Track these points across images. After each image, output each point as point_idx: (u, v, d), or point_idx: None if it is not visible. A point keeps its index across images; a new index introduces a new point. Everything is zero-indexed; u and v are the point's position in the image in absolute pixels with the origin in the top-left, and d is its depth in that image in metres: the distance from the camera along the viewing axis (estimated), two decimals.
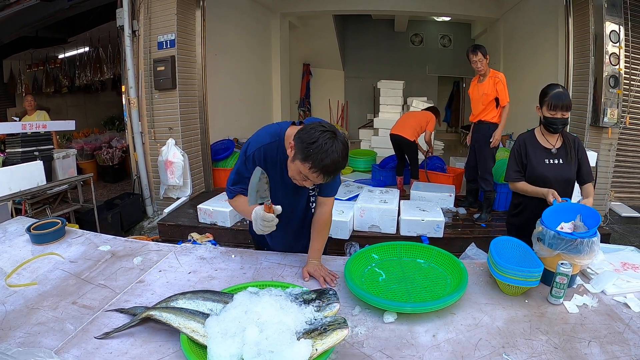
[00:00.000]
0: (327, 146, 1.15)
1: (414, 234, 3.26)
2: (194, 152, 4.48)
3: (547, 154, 1.96)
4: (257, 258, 1.56)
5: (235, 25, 5.84)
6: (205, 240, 3.19)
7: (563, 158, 1.93)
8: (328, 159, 1.15)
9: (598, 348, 1.03)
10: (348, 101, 10.42)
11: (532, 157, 1.96)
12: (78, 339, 1.05)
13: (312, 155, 1.16)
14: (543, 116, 1.93)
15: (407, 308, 1.15)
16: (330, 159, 1.16)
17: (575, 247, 1.27)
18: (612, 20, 3.69)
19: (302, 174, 1.23)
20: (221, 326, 0.95)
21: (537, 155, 1.96)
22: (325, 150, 1.15)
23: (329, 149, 1.15)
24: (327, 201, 1.51)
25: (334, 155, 1.16)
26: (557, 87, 1.91)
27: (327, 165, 1.16)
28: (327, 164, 1.16)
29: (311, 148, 1.16)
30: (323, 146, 1.15)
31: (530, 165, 1.96)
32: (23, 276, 1.41)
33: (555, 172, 1.92)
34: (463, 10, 7.19)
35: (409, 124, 4.49)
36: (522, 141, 2.02)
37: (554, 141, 1.97)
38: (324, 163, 1.16)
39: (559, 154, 1.94)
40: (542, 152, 1.96)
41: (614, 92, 3.76)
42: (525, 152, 1.99)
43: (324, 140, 1.16)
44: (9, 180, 2.67)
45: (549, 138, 1.98)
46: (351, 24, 9.92)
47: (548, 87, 1.95)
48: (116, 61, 6.42)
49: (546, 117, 1.91)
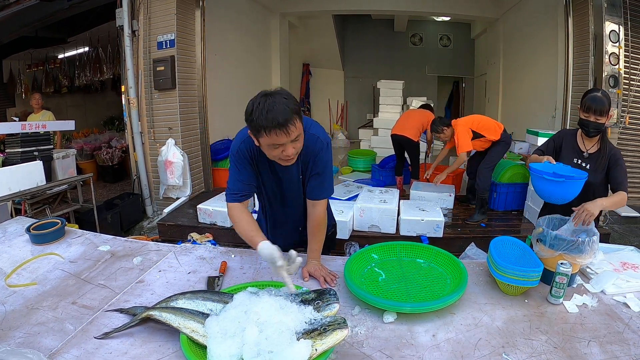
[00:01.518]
0: (261, 106, 1.17)
1: (414, 234, 3.26)
2: (194, 152, 4.47)
3: (578, 155, 1.98)
4: (257, 258, 1.56)
5: (235, 25, 5.83)
6: (205, 240, 3.19)
7: (592, 164, 1.93)
8: (271, 112, 1.15)
9: (598, 348, 1.03)
10: (348, 101, 10.42)
11: (563, 152, 2.00)
12: (78, 339, 1.05)
13: (256, 122, 1.18)
14: (579, 117, 1.94)
15: (407, 308, 1.15)
16: (271, 111, 1.15)
17: (577, 247, 1.27)
18: (611, 20, 3.70)
19: (269, 146, 1.22)
20: (221, 326, 0.95)
21: (568, 153, 2.00)
22: (261, 110, 1.16)
23: (264, 107, 1.16)
24: (317, 203, 1.49)
25: (273, 104, 1.16)
26: (597, 91, 1.92)
27: (273, 116, 1.15)
28: (271, 115, 1.15)
29: (252, 118, 1.18)
30: (257, 109, 1.17)
31: (560, 158, 1.99)
32: (23, 276, 1.41)
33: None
34: (463, 10, 7.19)
35: (411, 124, 4.48)
36: (563, 134, 2.07)
37: (589, 145, 1.96)
38: (269, 118, 1.15)
39: (590, 159, 1.94)
40: (574, 152, 1.99)
41: (614, 92, 3.77)
42: (560, 145, 2.03)
43: (256, 105, 1.18)
44: (8, 180, 2.67)
45: (585, 141, 1.98)
46: (351, 24, 9.93)
47: (589, 90, 1.97)
48: (116, 61, 6.41)
49: (580, 118, 1.92)
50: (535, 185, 1.81)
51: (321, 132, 1.43)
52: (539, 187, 1.78)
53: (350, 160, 6.40)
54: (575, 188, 1.69)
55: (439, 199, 3.87)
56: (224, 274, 1.42)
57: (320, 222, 1.50)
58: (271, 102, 1.17)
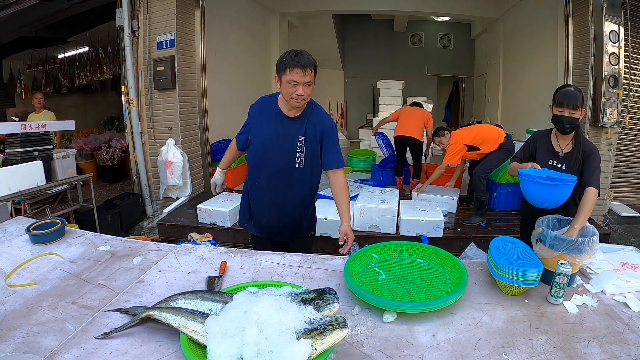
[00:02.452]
0: (292, 54, 1.59)
1: (414, 234, 3.26)
2: (194, 152, 4.48)
3: (552, 156, 1.92)
4: (257, 258, 1.56)
5: (235, 25, 5.83)
6: (204, 240, 3.19)
7: (567, 164, 1.87)
8: (299, 56, 1.57)
9: (598, 348, 1.03)
10: (348, 101, 10.42)
11: (538, 154, 1.96)
12: (78, 339, 1.05)
13: (285, 61, 1.58)
14: (552, 114, 1.87)
15: (407, 308, 1.15)
16: (300, 56, 1.57)
17: (577, 247, 1.27)
18: (611, 20, 3.70)
19: (289, 83, 1.58)
20: (221, 326, 0.95)
21: (542, 154, 1.94)
22: (292, 53, 1.59)
23: (293, 53, 1.59)
24: (337, 171, 1.81)
25: (302, 53, 1.59)
26: (569, 86, 1.86)
27: (299, 59, 1.56)
28: (298, 58, 1.56)
29: (283, 57, 1.60)
30: (290, 53, 1.60)
31: (535, 161, 1.93)
32: (23, 276, 1.41)
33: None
34: (463, 10, 7.19)
35: (416, 125, 4.49)
36: (537, 137, 2.02)
37: (564, 144, 1.90)
38: (296, 59, 1.56)
39: (565, 159, 1.88)
40: (548, 153, 1.93)
41: (614, 92, 3.77)
42: (535, 148, 1.98)
43: (287, 53, 1.61)
44: (8, 180, 2.67)
45: (560, 140, 1.92)
46: (351, 24, 9.93)
47: (561, 86, 1.91)
48: (116, 61, 6.41)
49: (554, 115, 1.85)
50: (527, 191, 1.73)
51: (329, 116, 1.85)
52: (531, 192, 1.71)
53: (350, 160, 6.39)
54: (567, 191, 1.64)
55: (442, 202, 3.85)
56: (224, 274, 1.42)
57: (343, 186, 1.82)
58: (299, 52, 1.59)
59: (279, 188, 1.78)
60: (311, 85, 1.62)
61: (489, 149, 3.60)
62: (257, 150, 1.78)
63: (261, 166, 1.78)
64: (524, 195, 1.79)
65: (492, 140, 3.60)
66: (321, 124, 1.75)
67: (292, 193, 1.80)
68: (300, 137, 1.72)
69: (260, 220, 1.87)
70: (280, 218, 1.84)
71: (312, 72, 1.59)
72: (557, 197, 1.65)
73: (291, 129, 1.72)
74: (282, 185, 1.77)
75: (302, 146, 1.73)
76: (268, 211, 1.84)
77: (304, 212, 1.90)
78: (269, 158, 1.75)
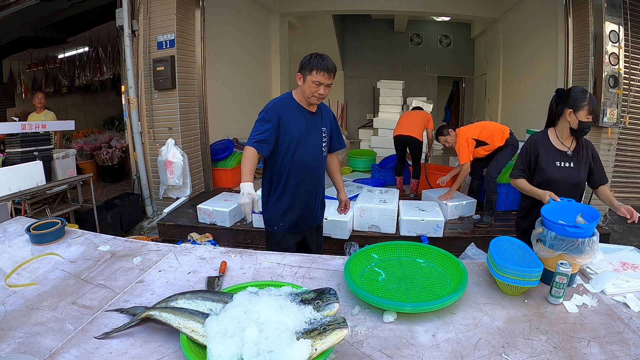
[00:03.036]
0: (318, 57, 1.80)
1: (414, 234, 3.26)
2: (194, 152, 4.47)
3: (559, 156, 1.92)
4: (257, 258, 1.56)
5: (235, 25, 5.84)
6: (204, 240, 3.19)
7: (574, 161, 1.90)
8: (325, 60, 1.79)
9: (597, 348, 1.03)
10: (347, 101, 10.43)
11: (542, 158, 1.93)
12: (78, 339, 1.05)
13: (312, 63, 1.78)
14: (578, 121, 1.84)
15: (407, 308, 1.15)
16: (326, 60, 1.80)
17: (577, 247, 1.27)
18: (611, 20, 3.70)
19: (313, 82, 1.79)
20: (221, 326, 0.95)
21: (548, 157, 1.92)
22: (319, 57, 1.80)
23: (321, 57, 1.80)
24: (334, 154, 2.18)
25: (327, 58, 1.81)
26: (585, 91, 1.87)
27: (325, 63, 1.78)
28: (324, 62, 1.78)
29: (310, 59, 1.80)
30: (317, 56, 1.80)
31: (540, 167, 1.93)
32: (23, 276, 1.41)
33: (565, 176, 1.89)
34: (463, 10, 7.19)
35: (416, 125, 4.49)
36: (534, 141, 1.98)
37: (569, 143, 1.93)
38: (323, 63, 1.78)
39: (572, 157, 1.91)
40: (554, 154, 1.92)
41: (614, 92, 3.77)
42: (537, 153, 1.95)
43: (314, 56, 1.81)
44: (8, 180, 2.67)
45: (564, 141, 1.93)
46: (351, 24, 9.93)
47: (578, 91, 1.87)
48: (116, 61, 6.41)
49: (582, 122, 1.84)
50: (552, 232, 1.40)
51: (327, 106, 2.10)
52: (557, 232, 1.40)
53: (350, 160, 6.40)
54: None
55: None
56: (224, 274, 1.42)
57: (337, 166, 2.23)
58: (325, 56, 1.82)
59: (312, 178, 1.99)
60: (330, 87, 1.86)
61: (498, 143, 3.56)
62: (290, 146, 1.89)
63: (300, 159, 1.92)
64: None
65: (498, 135, 3.57)
66: (329, 115, 2.06)
67: (321, 180, 2.06)
68: (323, 129, 1.99)
69: (293, 215, 1.99)
70: (311, 206, 2.04)
71: (334, 76, 1.84)
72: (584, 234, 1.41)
73: (316, 122, 1.95)
74: (315, 174, 1.99)
75: (325, 136, 2.00)
76: (303, 203, 1.99)
77: (322, 197, 2.14)
78: (306, 152, 1.93)
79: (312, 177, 1.98)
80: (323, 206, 2.18)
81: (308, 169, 1.94)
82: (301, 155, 1.90)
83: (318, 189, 2.06)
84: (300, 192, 1.96)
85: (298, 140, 1.88)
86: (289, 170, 1.91)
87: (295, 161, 1.90)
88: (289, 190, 1.94)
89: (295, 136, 1.87)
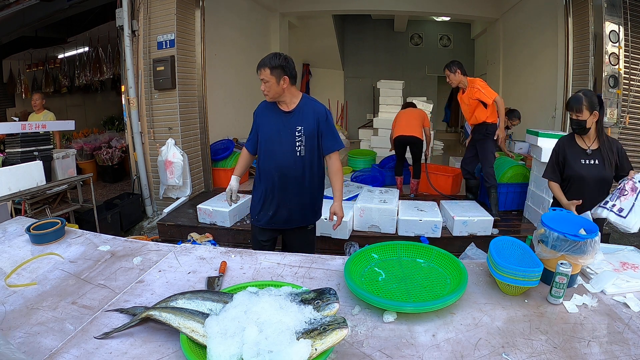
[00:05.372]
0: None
1: (412, 234, 3.26)
2: (194, 152, 4.47)
3: (582, 155, 2.13)
4: (257, 258, 1.56)
5: (235, 25, 5.84)
6: (204, 240, 3.19)
7: (599, 159, 2.10)
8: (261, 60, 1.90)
9: (597, 348, 1.03)
10: (348, 101, 10.42)
11: (569, 157, 2.15)
12: (78, 339, 1.05)
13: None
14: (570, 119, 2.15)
15: (407, 308, 1.15)
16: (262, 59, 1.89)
17: (579, 248, 1.27)
18: (611, 20, 3.70)
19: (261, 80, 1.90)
20: (221, 326, 0.95)
21: (573, 156, 2.14)
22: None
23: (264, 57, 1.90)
24: (332, 156, 2.03)
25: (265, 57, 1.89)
26: (579, 92, 2.10)
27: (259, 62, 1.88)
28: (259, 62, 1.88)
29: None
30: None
31: (568, 165, 2.15)
32: (23, 276, 1.41)
33: (591, 172, 2.09)
34: (462, 11, 7.19)
35: (415, 124, 4.48)
36: (561, 143, 2.22)
37: (589, 142, 2.13)
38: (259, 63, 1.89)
39: (595, 155, 2.11)
40: (578, 153, 2.14)
41: (614, 92, 3.77)
42: (564, 152, 2.17)
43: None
44: (8, 180, 2.67)
45: (584, 139, 2.14)
46: (351, 24, 9.93)
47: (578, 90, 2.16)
48: (116, 61, 6.41)
49: (571, 119, 2.12)
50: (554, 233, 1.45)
51: (322, 104, 2.04)
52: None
53: (350, 160, 6.39)
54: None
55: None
56: (224, 274, 1.42)
57: (336, 170, 2.02)
58: (267, 56, 1.89)
59: (286, 176, 1.97)
60: (268, 82, 1.87)
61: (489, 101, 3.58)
62: (264, 146, 2.00)
63: (269, 159, 1.98)
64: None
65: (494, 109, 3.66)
66: (315, 112, 1.96)
67: (299, 179, 1.99)
68: (298, 128, 1.94)
69: (268, 211, 2.05)
70: (290, 207, 2.03)
71: (266, 70, 1.86)
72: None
73: (289, 121, 1.94)
74: (289, 173, 1.97)
75: (300, 136, 1.94)
76: (277, 201, 2.02)
77: (308, 200, 2.07)
78: (274, 150, 1.96)
79: (285, 177, 1.97)
80: (312, 209, 2.12)
81: (279, 168, 1.97)
82: (271, 155, 1.98)
83: (296, 190, 2.00)
84: (274, 191, 2.01)
85: (269, 139, 1.98)
86: (262, 169, 2.03)
87: (266, 160, 2.00)
88: (262, 188, 2.05)
89: (267, 136, 1.99)
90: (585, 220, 1.48)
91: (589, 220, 1.47)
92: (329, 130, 1.99)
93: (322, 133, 1.98)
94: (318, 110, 1.97)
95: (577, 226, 1.42)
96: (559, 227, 1.34)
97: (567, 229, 1.33)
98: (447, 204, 3.63)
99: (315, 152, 2.00)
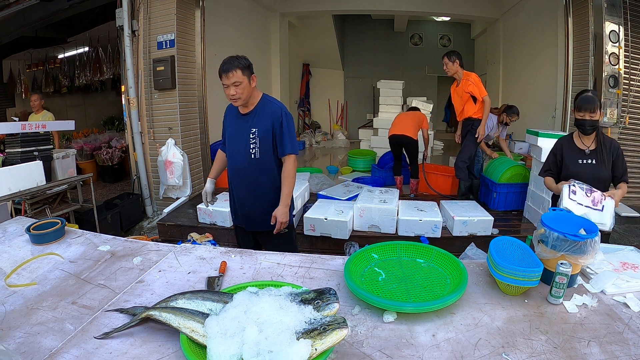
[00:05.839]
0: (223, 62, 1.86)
1: (412, 234, 3.26)
2: (194, 152, 4.47)
3: (580, 155, 2.15)
4: (257, 258, 1.56)
5: (235, 25, 5.84)
6: (204, 240, 3.19)
7: (596, 159, 2.11)
8: (223, 65, 1.85)
9: (597, 348, 1.03)
10: (347, 101, 10.42)
11: (566, 157, 2.17)
12: (78, 339, 1.05)
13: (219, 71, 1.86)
14: (575, 118, 2.11)
15: (407, 308, 1.15)
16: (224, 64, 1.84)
17: (579, 248, 1.27)
18: (611, 20, 3.70)
19: (224, 86, 1.87)
20: (221, 326, 0.95)
21: (570, 156, 2.17)
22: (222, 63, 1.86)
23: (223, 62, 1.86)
24: (285, 159, 1.98)
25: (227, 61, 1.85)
26: (587, 92, 2.10)
27: (222, 67, 1.84)
28: (221, 67, 1.84)
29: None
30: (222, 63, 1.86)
31: (564, 165, 2.17)
32: (23, 276, 1.41)
33: (588, 172, 2.11)
34: (462, 11, 7.20)
35: (410, 124, 4.49)
36: (559, 144, 2.24)
37: (588, 143, 2.15)
38: (220, 68, 1.85)
39: (592, 155, 2.12)
40: (575, 153, 2.16)
41: (614, 92, 3.77)
42: (561, 152, 2.19)
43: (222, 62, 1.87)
44: (8, 180, 2.67)
45: (584, 140, 2.16)
46: (351, 24, 9.93)
47: (580, 92, 2.15)
48: (116, 61, 6.41)
49: (576, 119, 2.10)
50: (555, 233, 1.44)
51: (281, 104, 2.02)
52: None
53: (350, 160, 6.40)
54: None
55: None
56: (224, 274, 1.42)
57: (287, 174, 1.97)
58: (226, 60, 1.85)
59: (243, 178, 2.01)
60: (241, 83, 1.85)
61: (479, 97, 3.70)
62: (227, 147, 2.09)
63: (230, 160, 2.07)
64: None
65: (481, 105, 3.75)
66: (271, 114, 1.94)
67: (254, 182, 2.01)
68: (252, 130, 1.94)
69: (237, 210, 2.13)
70: (250, 207, 2.06)
71: (237, 72, 1.82)
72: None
73: (246, 123, 1.97)
74: (246, 175, 2.00)
75: (254, 138, 1.94)
76: (241, 201, 2.07)
77: (268, 204, 2.03)
78: (233, 153, 2.03)
79: (244, 179, 2.01)
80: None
81: (238, 170, 2.02)
82: (230, 156, 2.06)
83: (254, 194, 2.01)
84: (237, 193, 2.08)
85: (229, 140, 2.05)
86: (230, 169, 2.10)
87: (228, 161, 2.09)
88: (230, 189, 2.13)
89: (227, 138, 2.07)
90: (585, 220, 1.48)
91: (589, 220, 1.47)
92: (282, 133, 1.94)
93: (276, 136, 1.95)
94: (274, 112, 1.94)
95: (577, 226, 1.42)
96: (559, 227, 1.34)
97: (567, 229, 1.33)
98: (447, 204, 3.62)
99: (272, 155, 1.97)
